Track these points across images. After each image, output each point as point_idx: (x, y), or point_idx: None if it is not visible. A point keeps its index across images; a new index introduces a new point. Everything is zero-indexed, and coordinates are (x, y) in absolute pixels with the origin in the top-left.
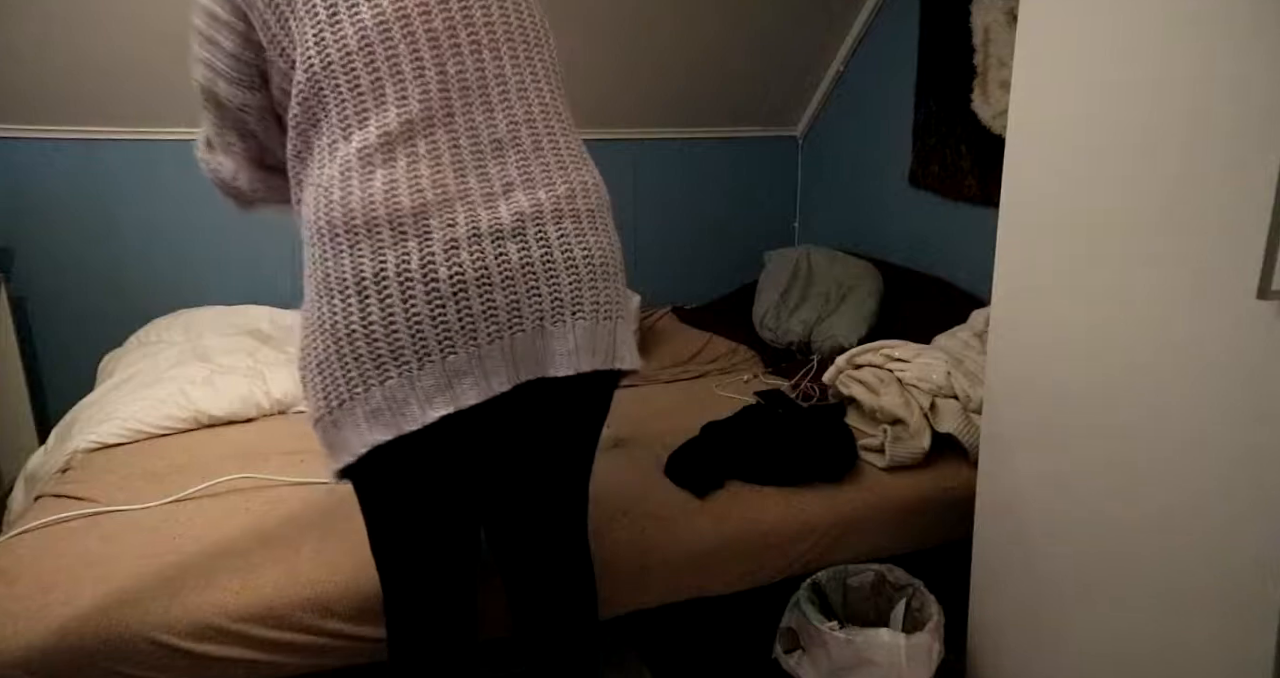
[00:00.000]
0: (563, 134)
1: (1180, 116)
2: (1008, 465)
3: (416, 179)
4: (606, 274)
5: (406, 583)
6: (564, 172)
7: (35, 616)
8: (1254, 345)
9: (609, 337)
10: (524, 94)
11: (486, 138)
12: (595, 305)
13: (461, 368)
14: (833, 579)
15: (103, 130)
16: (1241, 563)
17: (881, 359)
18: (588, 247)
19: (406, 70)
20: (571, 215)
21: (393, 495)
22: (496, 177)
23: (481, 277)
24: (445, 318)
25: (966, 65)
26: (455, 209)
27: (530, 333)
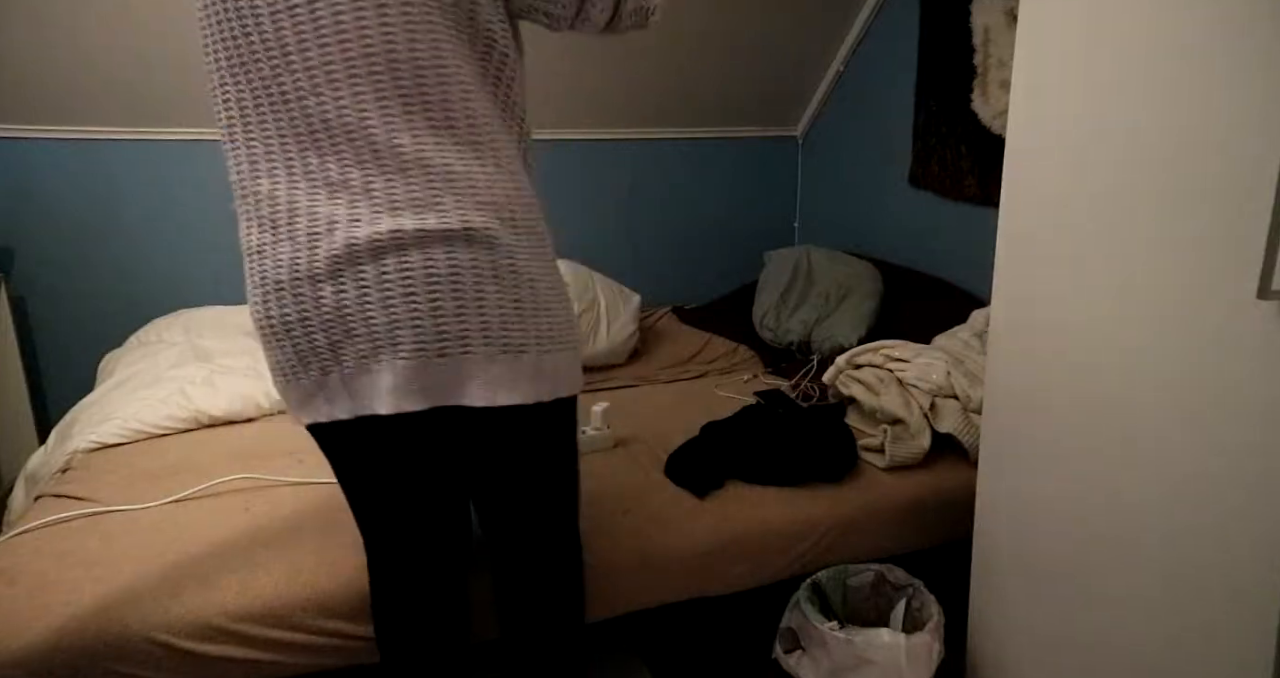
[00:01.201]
0: (400, 172)
1: (1180, 116)
2: (1008, 465)
3: (258, 219)
4: (440, 311)
5: (377, 566)
6: (395, 211)
7: (35, 615)
8: (1254, 345)
9: (444, 374)
10: (351, 133)
11: (320, 180)
12: (420, 344)
13: (310, 391)
14: (833, 579)
15: (103, 130)
16: (1242, 563)
17: (881, 359)
18: (412, 286)
19: (240, 113)
20: (397, 252)
21: (341, 472)
22: (324, 217)
23: (304, 318)
24: (287, 348)
25: (966, 65)
26: (283, 250)
27: (355, 371)
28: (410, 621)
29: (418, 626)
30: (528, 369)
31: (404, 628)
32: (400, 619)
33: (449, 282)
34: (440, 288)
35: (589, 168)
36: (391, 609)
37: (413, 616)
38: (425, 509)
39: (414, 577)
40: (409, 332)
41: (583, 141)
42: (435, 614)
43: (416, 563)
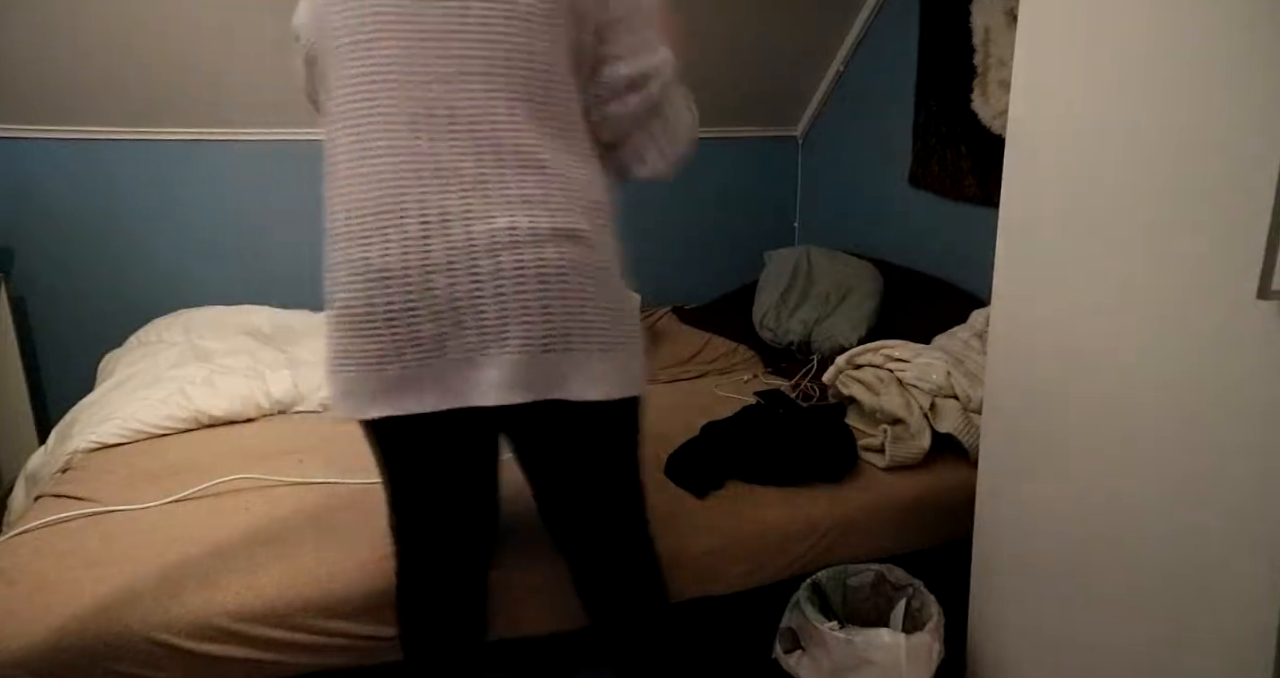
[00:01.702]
0: (517, 169)
1: (1180, 116)
2: (1008, 465)
3: (365, 202)
4: (548, 309)
5: (405, 557)
6: (509, 205)
7: (36, 615)
8: (1254, 345)
9: (549, 369)
10: (475, 125)
11: (431, 166)
12: (528, 339)
13: (395, 383)
14: (833, 579)
15: (103, 130)
16: (1242, 563)
17: (881, 359)
18: (524, 282)
19: (367, 93)
20: (511, 248)
21: (383, 459)
22: (436, 206)
23: (410, 308)
24: (382, 338)
25: (966, 65)
26: (392, 237)
27: (460, 362)
28: (436, 615)
29: (443, 621)
30: (619, 366)
31: (428, 623)
32: (426, 614)
33: (558, 280)
34: (550, 286)
35: None
36: (418, 604)
37: (439, 610)
38: (467, 504)
39: (443, 572)
40: (519, 327)
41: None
42: (460, 610)
43: (448, 558)
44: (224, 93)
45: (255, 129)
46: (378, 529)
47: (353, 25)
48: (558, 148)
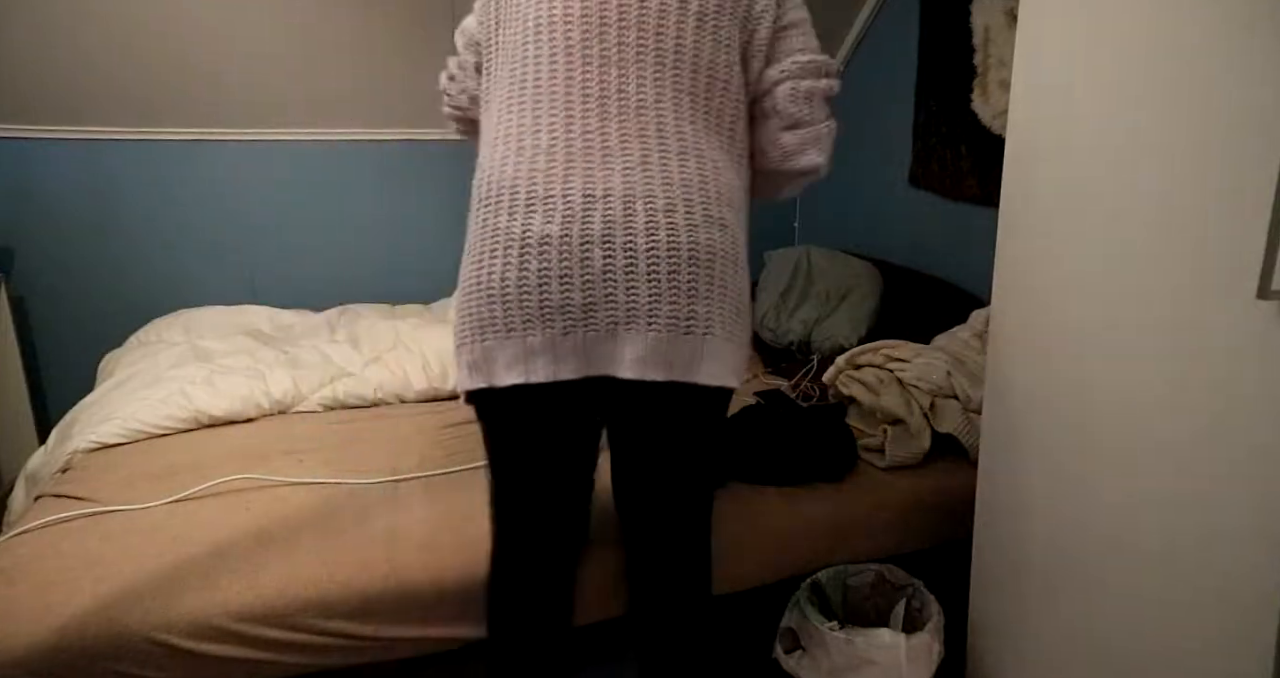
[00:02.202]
0: (678, 154)
1: (1180, 116)
2: (1008, 465)
3: (533, 172)
4: (695, 292)
5: (502, 541)
6: (668, 187)
7: (36, 615)
8: (1254, 345)
9: (688, 351)
10: (642, 110)
11: (598, 144)
12: (674, 319)
13: (536, 349)
14: (833, 579)
15: (103, 130)
16: (1243, 563)
17: (881, 359)
18: (677, 263)
19: (543, 73)
20: (669, 229)
21: (496, 437)
22: (600, 181)
23: (564, 275)
24: (528, 304)
25: (966, 65)
26: (555, 207)
27: (602, 334)
28: (526, 601)
29: (533, 607)
30: (741, 356)
31: (518, 608)
32: (517, 599)
33: (705, 265)
34: (699, 270)
35: None
36: (510, 588)
37: (530, 596)
38: (568, 488)
39: (539, 558)
40: (667, 306)
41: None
42: (550, 597)
43: (544, 544)
44: (224, 93)
45: (255, 129)
46: (377, 529)
47: (539, 11)
48: (714, 144)
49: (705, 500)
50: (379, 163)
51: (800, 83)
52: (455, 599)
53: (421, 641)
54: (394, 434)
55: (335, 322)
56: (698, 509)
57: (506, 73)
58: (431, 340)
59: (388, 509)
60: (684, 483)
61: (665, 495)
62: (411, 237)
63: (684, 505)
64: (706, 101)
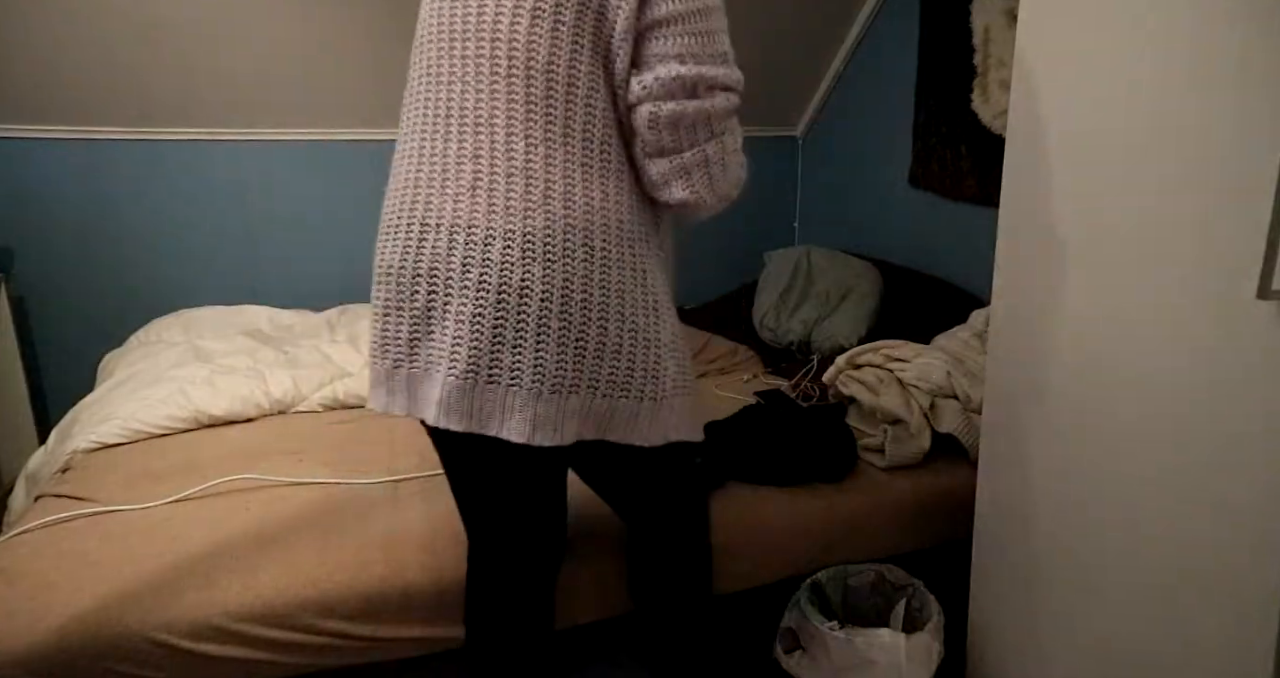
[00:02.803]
0: (506, 176)
1: (1180, 116)
2: (1007, 465)
3: (394, 200)
4: (500, 337)
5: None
6: (491, 215)
7: (36, 615)
8: (1254, 345)
9: (489, 401)
10: (479, 127)
11: (439, 168)
12: (474, 366)
13: (380, 379)
14: (833, 579)
15: (103, 130)
16: (1243, 563)
17: (881, 359)
18: (484, 303)
19: (410, 98)
20: (483, 265)
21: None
22: (435, 209)
23: (398, 308)
24: (374, 333)
25: (966, 65)
26: (399, 236)
27: (420, 373)
28: (500, 611)
29: (507, 617)
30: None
31: (492, 618)
32: (490, 609)
33: (517, 307)
34: (507, 313)
35: None
36: (483, 599)
37: (503, 607)
38: (525, 510)
39: (509, 574)
40: (467, 350)
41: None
42: (524, 608)
43: (513, 561)
44: (224, 93)
45: (255, 129)
46: (377, 529)
47: (418, 32)
48: (562, 158)
49: (676, 512)
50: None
51: (662, 105)
52: (454, 599)
53: (421, 641)
54: (393, 434)
55: (335, 322)
56: (670, 518)
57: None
58: None
59: (387, 509)
60: (638, 502)
61: (630, 510)
62: None
63: (653, 517)
64: (548, 110)
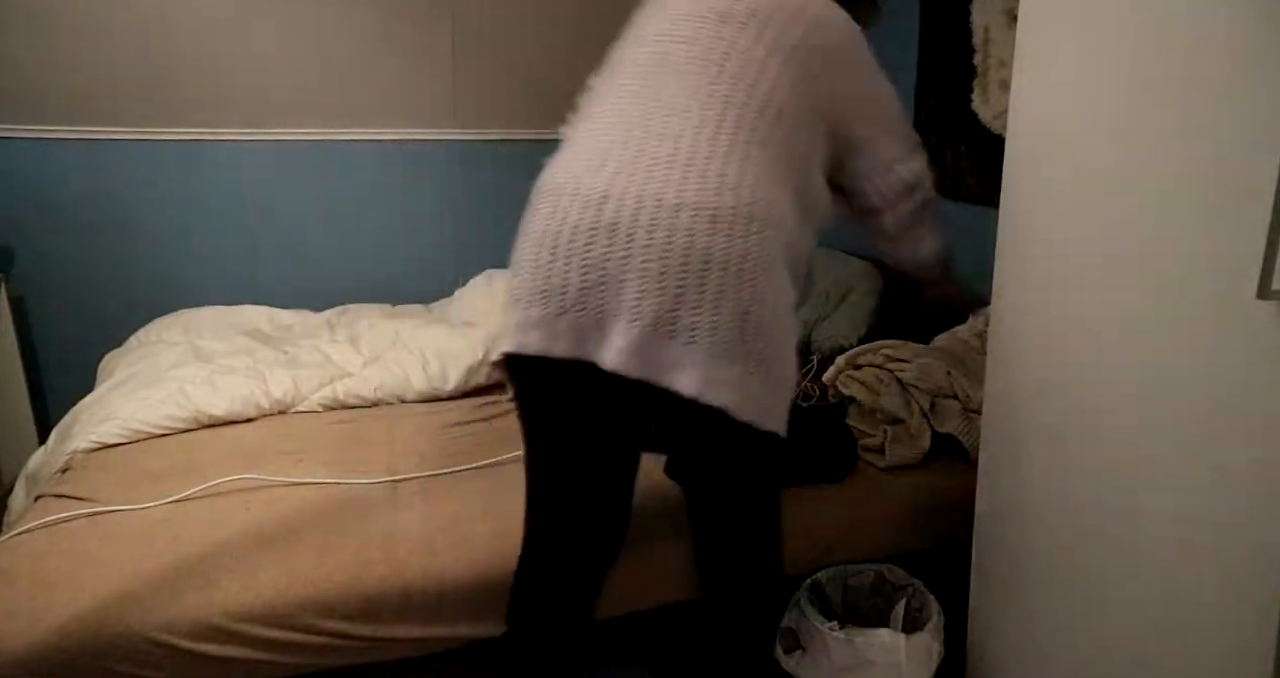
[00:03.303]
0: (716, 159)
1: (1180, 116)
2: (1008, 466)
3: (562, 168)
4: (681, 297)
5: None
6: (684, 190)
7: (36, 615)
8: (1254, 345)
9: (664, 354)
10: (686, 114)
11: (633, 147)
12: (656, 319)
13: (534, 323)
14: (833, 579)
15: (103, 130)
16: (1243, 563)
17: (881, 359)
18: (668, 263)
19: (619, 83)
20: (668, 228)
21: (524, 411)
22: (625, 176)
23: (565, 257)
24: (531, 282)
25: (966, 65)
26: (565, 198)
27: (592, 320)
28: (550, 602)
29: (556, 608)
30: (738, 379)
31: (540, 608)
32: (540, 599)
33: (699, 272)
34: (689, 275)
35: None
36: (535, 589)
37: (554, 598)
38: (600, 472)
39: (569, 562)
40: (651, 304)
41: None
42: (575, 599)
43: (575, 535)
44: (225, 93)
45: (255, 129)
46: (377, 529)
47: (639, 31)
48: (755, 161)
49: (756, 501)
50: (379, 163)
51: (899, 213)
52: (454, 599)
53: (421, 641)
54: (394, 434)
55: (335, 322)
56: (745, 506)
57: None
58: (431, 340)
59: (387, 509)
60: (723, 486)
61: (709, 493)
62: (411, 237)
63: (727, 504)
64: (737, 109)
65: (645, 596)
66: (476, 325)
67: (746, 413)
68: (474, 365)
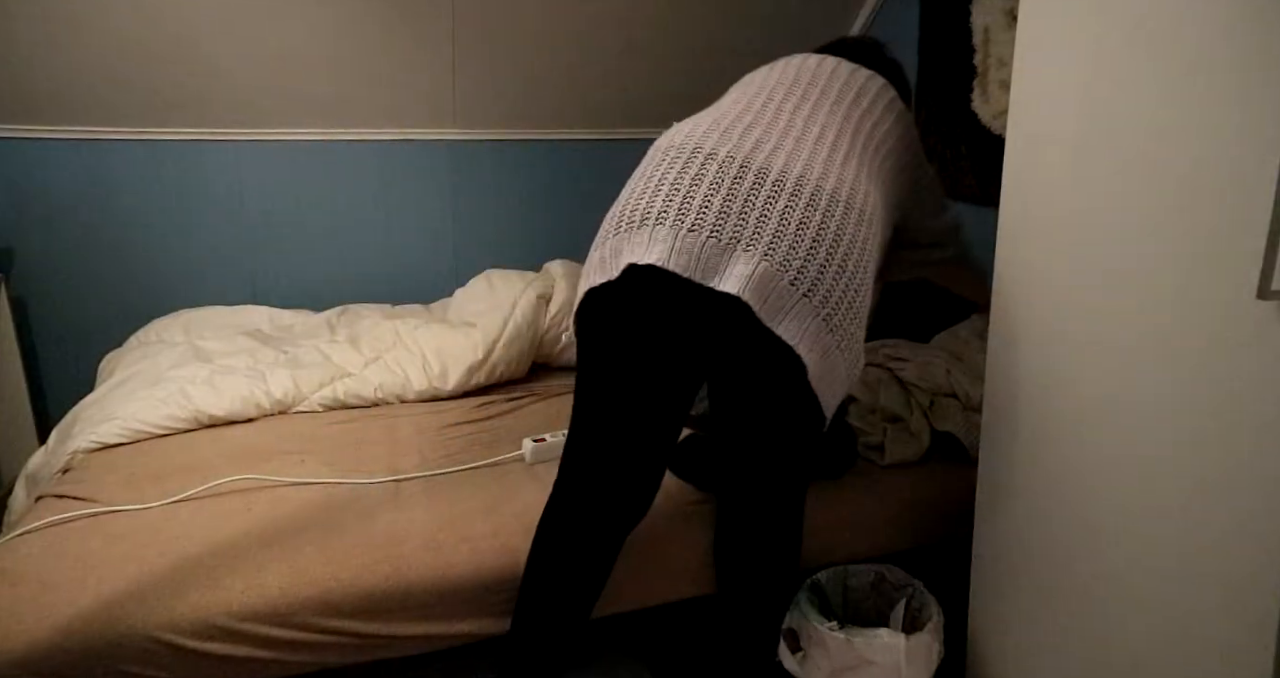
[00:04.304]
0: (842, 163)
1: (1180, 116)
2: (1008, 465)
3: (718, 127)
4: (814, 252)
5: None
6: (826, 172)
7: (38, 615)
8: (1254, 345)
9: (781, 298)
10: (806, 131)
11: (783, 121)
12: (786, 262)
13: (660, 237)
14: (833, 579)
15: (104, 130)
16: (1243, 563)
17: (881, 358)
18: (810, 217)
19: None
20: (814, 190)
21: (591, 356)
22: (774, 139)
23: (715, 183)
24: (672, 198)
25: (966, 65)
26: (730, 140)
27: (723, 245)
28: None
29: (568, 593)
30: (831, 346)
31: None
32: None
33: (833, 239)
34: (824, 236)
35: (590, 168)
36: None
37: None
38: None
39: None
40: (785, 248)
41: (583, 142)
42: (587, 585)
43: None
44: (225, 93)
45: (255, 129)
46: (379, 528)
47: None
48: (865, 173)
49: (787, 492)
50: (379, 163)
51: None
52: (457, 597)
53: (424, 639)
54: (394, 434)
55: (335, 322)
56: (780, 492)
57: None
58: (431, 340)
59: (389, 508)
60: (763, 465)
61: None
62: (411, 237)
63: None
64: (862, 136)
65: (651, 593)
66: (476, 325)
67: (820, 381)
68: (474, 365)
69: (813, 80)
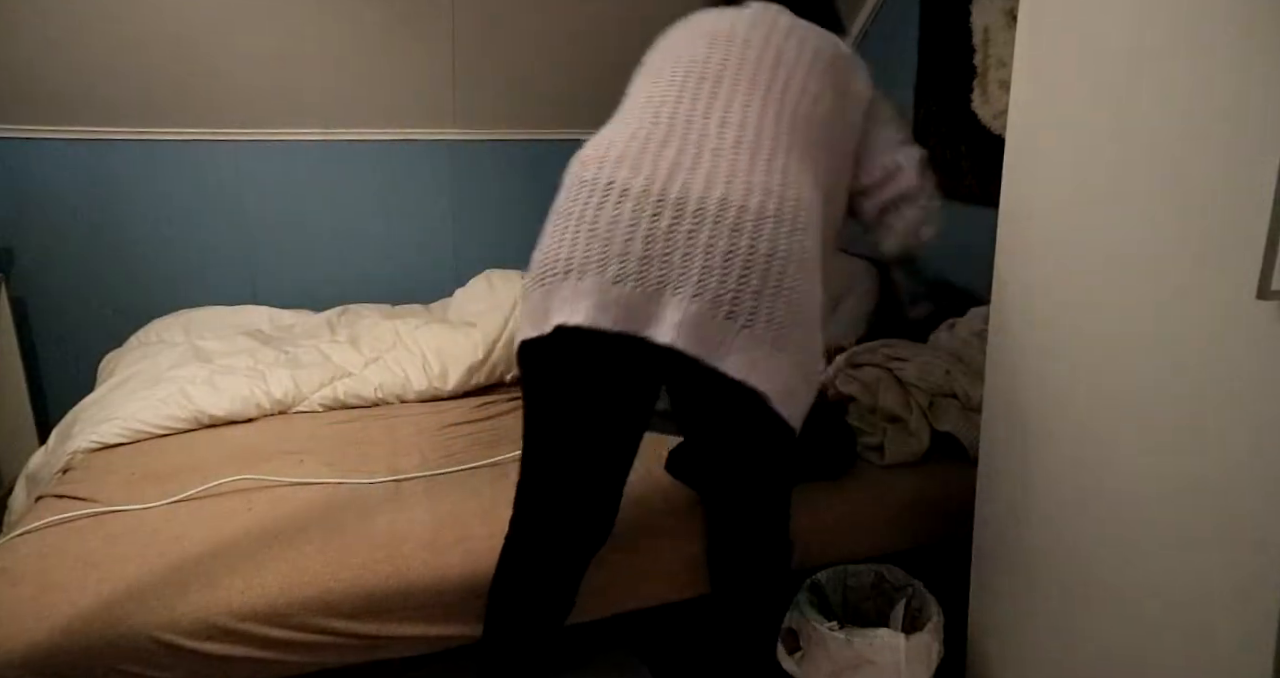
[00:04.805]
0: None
1: (1180, 116)
2: (1007, 464)
3: (630, 147)
4: (746, 280)
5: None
6: (749, 180)
7: (39, 615)
8: (1254, 345)
9: (721, 334)
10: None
11: (697, 128)
12: (718, 298)
13: (588, 291)
14: (833, 579)
15: (104, 130)
16: (1243, 562)
17: (881, 358)
18: (736, 245)
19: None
20: (739, 211)
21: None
22: (690, 158)
23: (633, 224)
24: (591, 248)
25: (966, 65)
26: (642, 169)
27: (650, 292)
28: (532, 597)
29: (537, 604)
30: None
31: (522, 605)
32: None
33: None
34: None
35: None
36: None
37: (540, 581)
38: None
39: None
40: (715, 282)
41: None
42: (556, 595)
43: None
44: (225, 93)
45: (255, 129)
46: (379, 528)
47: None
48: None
49: (771, 496)
50: (379, 163)
51: (876, 200)
52: (457, 598)
53: (424, 639)
54: (394, 434)
55: (335, 322)
56: (761, 501)
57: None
58: (431, 340)
59: (389, 509)
60: (741, 480)
61: (727, 488)
62: (411, 236)
63: (744, 498)
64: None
65: (646, 594)
66: (476, 325)
67: (782, 404)
68: (474, 365)
69: (725, 59)
